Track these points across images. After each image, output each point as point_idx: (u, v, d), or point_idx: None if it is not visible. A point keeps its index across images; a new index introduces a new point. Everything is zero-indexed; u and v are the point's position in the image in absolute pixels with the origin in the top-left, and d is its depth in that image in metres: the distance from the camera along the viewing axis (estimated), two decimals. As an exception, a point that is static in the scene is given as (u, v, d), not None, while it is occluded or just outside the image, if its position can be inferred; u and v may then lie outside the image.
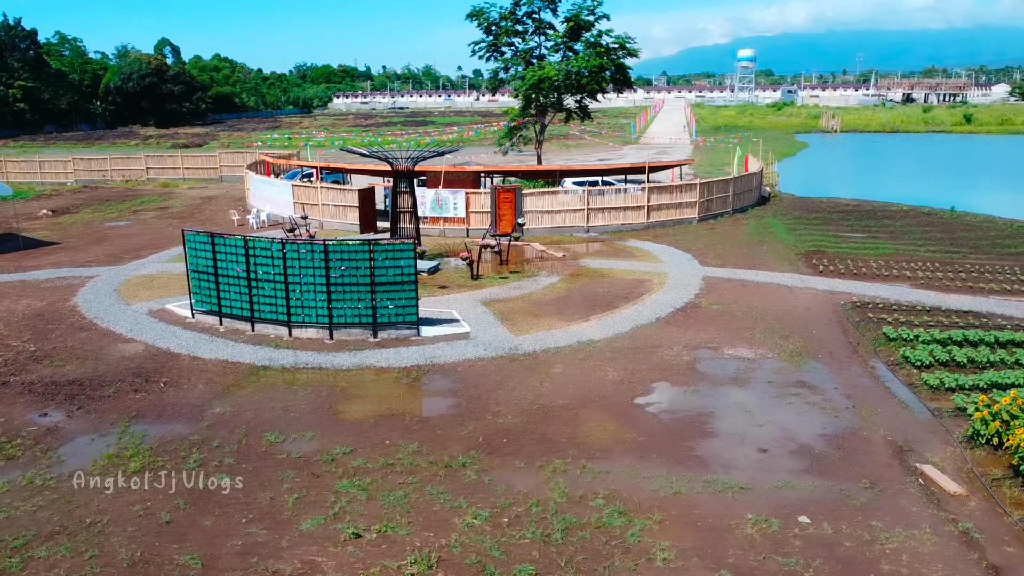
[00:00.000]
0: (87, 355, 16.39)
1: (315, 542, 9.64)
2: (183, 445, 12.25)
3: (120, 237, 29.57)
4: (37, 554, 9.39)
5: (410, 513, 10.25)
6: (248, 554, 9.39)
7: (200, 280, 18.16)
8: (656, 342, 16.92)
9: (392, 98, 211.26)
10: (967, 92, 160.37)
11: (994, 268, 22.72)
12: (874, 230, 28.94)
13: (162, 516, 10.22)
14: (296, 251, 16.87)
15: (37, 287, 22.00)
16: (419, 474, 11.29)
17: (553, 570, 9.06)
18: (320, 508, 10.40)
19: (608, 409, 13.53)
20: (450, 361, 15.83)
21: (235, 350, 16.49)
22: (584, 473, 11.30)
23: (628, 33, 36.52)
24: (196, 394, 14.32)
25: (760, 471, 11.41)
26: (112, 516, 10.24)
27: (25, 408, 13.78)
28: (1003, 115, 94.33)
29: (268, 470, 11.47)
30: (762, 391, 14.33)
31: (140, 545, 9.58)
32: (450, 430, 12.74)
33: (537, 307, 19.54)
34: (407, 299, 17.17)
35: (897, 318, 17.95)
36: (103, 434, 12.73)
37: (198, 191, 42.42)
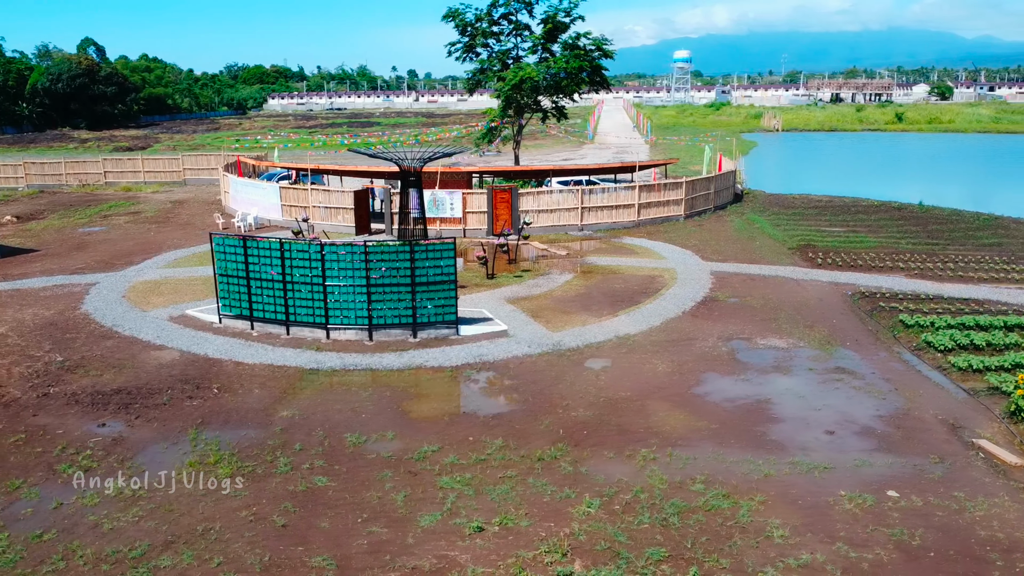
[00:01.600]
0: (121, 363, 15.93)
1: (441, 537, 9.76)
2: (264, 449, 12.13)
3: (101, 243, 28.54)
4: (161, 563, 9.23)
5: (523, 505, 10.46)
6: (378, 552, 9.45)
7: (229, 284, 17.83)
8: (689, 335, 17.47)
9: (329, 99, 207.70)
10: (891, 92, 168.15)
11: (974, 258, 24.19)
12: (852, 224, 30.35)
13: (276, 520, 10.16)
14: (336, 253, 16.77)
15: (36, 296, 21.13)
16: (515, 468, 11.50)
17: (682, 551, 9.42)
18: (432, 505, 10.50)
19: (670, 400, 13.97)
20: (499, 359, 16.03)
21: (277, 354, 16.29)
22: (673, 460, 11.71)
23: (605, 35, 37.24)
24: (255, 399, 14.13)
25: (834, 451, 12.03)
26: (222, 522, 10.12)
27: (79, 419, 13.36)
28: (931, 114, 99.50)
29: (363, 470, 11.48)
30: (807, 378, 15.02)
31: (264, 549, 9.51)
32: (527, 425, 12.97)
33: (562, 304, 19.87)
34: (446, 299, 17.27)
35: (907, 306, 18.98)
36: (175, 442, 12.47)
37: (165, 195, 41.16)
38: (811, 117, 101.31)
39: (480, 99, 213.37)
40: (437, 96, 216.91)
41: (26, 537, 9.80)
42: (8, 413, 13.60)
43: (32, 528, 10.01)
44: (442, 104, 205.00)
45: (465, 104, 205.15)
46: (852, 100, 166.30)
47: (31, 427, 13.02)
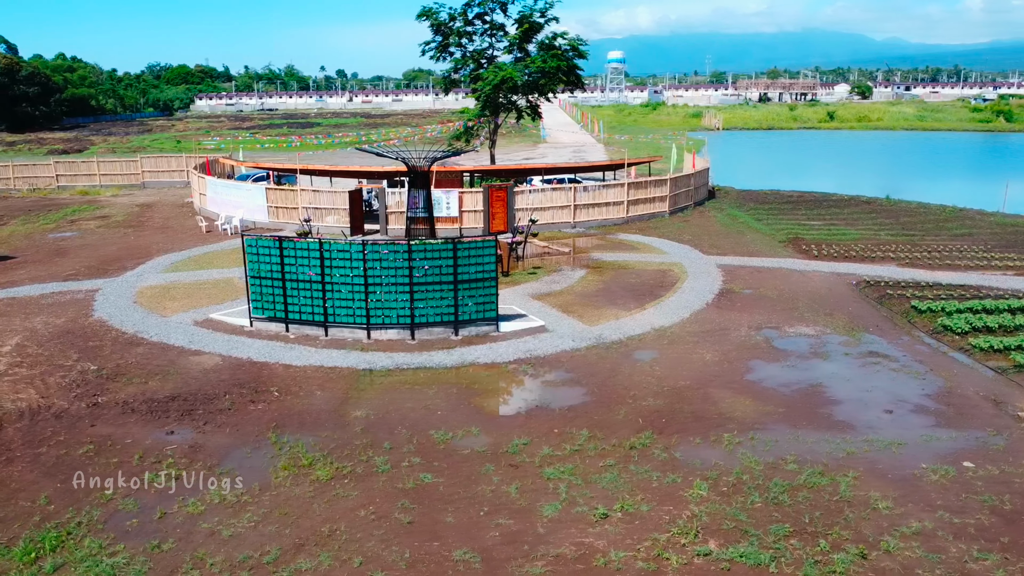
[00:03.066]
0: (164, 370, 15.43)
1: (569, 525, 9.94)
2: (355, 449, 12.03)
3: (81, 248, 27.34)
4: (300, 566, 9.11)
5: (636, 491, 10.74)
6: (515, 543, 9.57)
7: (262, 286, 17.47)
8: (721, 325, 18.06)
9: (260, 99, 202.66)
10: (816, 92, 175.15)
11: (955, 248, 25.71)
12: (829, 218, 31.74)
13: (400, 517, 10.14)
14: (378, 252, 16.66)
15: (38, 303, 20.16)
16: (611, 456, 11.76)
17: (803, 527, 9.87)
18: (547, 495, 10.67)
19: (729, 387, 14.48)
20: (549, 353, 16.24)
21: (323, 356, 16.08)
22: (757, 443, 12.18)
23: (579, 36, 37.77)
24: (320, 401, 13.95)
25: (899, 428, 12.74)
26: (345, 523, 10.04)
27: (142, 427, 12.93)
28: (859, 113, 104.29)
29: (463, 465, 11.54)
30: (846, 362, 15.78)
31: (401, 546, 9.50)
32: (605, 416, 13.24)
33: (587, 299, 20.21)
34: (487, 296, 17.38)
35: (913, 293, 20.08)
36: (256, 446, 12.23)
37: (127, 199, 39.59)
38: (748, 116, 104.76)
39: (415, 99, 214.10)
40: (372, 96, 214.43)
41: (145, 548, 9.51)
42: (64, 424, 13.05)
43: (146, 538, 9.71)
44: (377, 104, 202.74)
45: (401, 104, 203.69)
46: (779, 99, 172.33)
47: (95, 437, 12.54)
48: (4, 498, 10.74)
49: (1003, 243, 26.32)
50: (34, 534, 9.80)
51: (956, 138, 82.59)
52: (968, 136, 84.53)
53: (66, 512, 10.35)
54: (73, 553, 9.41)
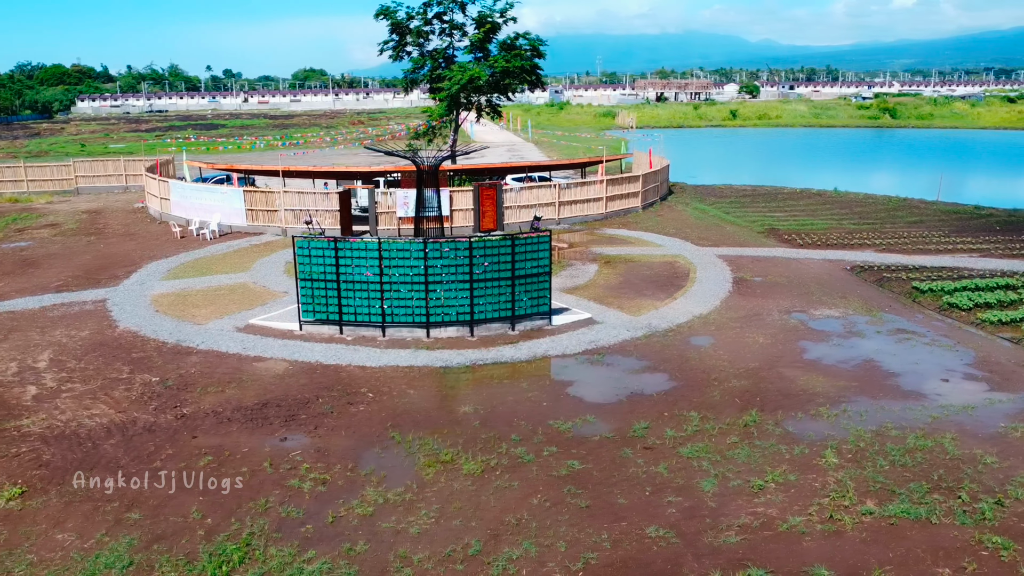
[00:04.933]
0: (233, 378, 14.93)
1: (734, 498, 10.54)
2: (487, 443, 12.18)
3: (50, 259, 25.58)
4: (511, 554, 9.28)
5: (775, 464, 11.46)
6: (695, 517, 10.08)
7: (314, 288, 17.12)
8: (753, 311, 19.14)
9: (148, 100, 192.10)
10: (710, 91, 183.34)
11: (913, 234, 28.07)
12: (788, 209, 33.80)
13: (575, 503, 10.44)
14: (439, 250, 16.70)
15: (46, 316, 18.88)
16: (733, 434, 12.44)
17: (937, 483, 10.86)
18: (697, 473, 11.22)
19: (796, 366, 15.49)
20: (613, 343, 16.79)
21: (393, 356, 15.98)
22: (851, 414, 13.18)
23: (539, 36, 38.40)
24: (418, 399, 13.94)
25: (962, 394, 14.08)
26: (526, 512, 10.24)
27: (250, 435, 12.56)
28: (759, 111, 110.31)
29: (600, 451, 11.92)
30: (882, 339, 17.15)
31: (594, 528, 9.82)
32: (702, 398, 13.91)
33: (614, 291, 20.87)
34: (541, 290, 17.73)
35: (906, 276, 21.90)
36: (384, 446, 12.16)
37: (66, 205, 37.07)
38: (656, 115, 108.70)
39: (314, 100, 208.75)
40: (268, 97, 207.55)
41: (339, 551, 9.40)
42: (162, 437, 12.49)
43: (334, 542, 9.59)
44: (274, 105, 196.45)
45: (300, 105, 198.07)
46: (675, 99, 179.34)
47: (207, 448, 12.09)
48: (148, 515, 10.28)
49: (955, 229, 28.96)
50: (213, 548, 9.47)
51: (854, 134, 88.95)
52: (863, 132, 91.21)
53: (229, 523, 10.03)
54: (265, 563, 9.18)
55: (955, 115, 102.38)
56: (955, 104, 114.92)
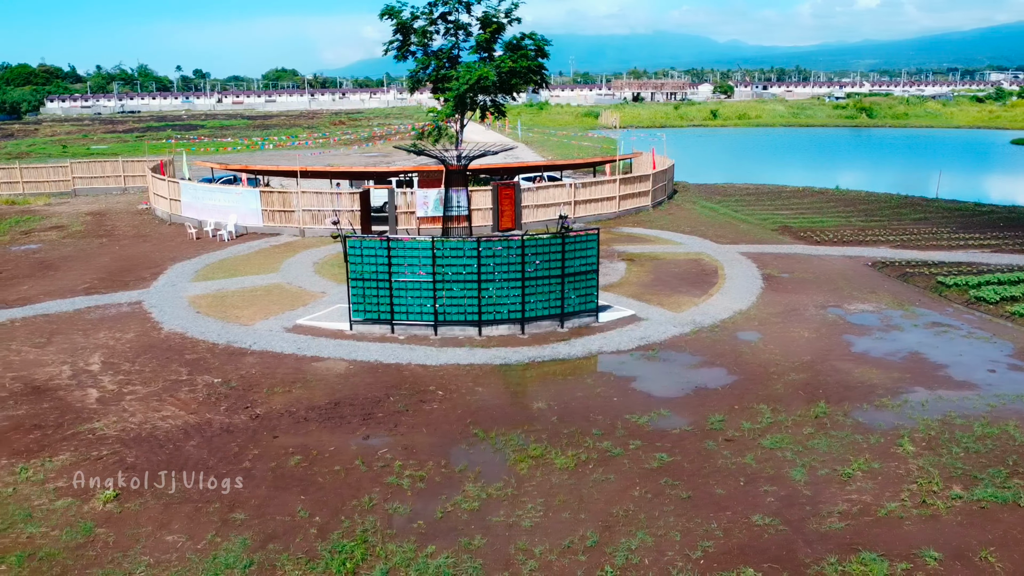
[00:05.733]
0: (297, 378, 14.92)
1: (827, 486, 10.84)
2: (570, 438, 12.36)
3: (68, 261, 25.19)
4: (630, 544, 9.47)
5: (856, 452, 11.79)
6: (794, 505, 10.35)
7: (365, 288, 17.14)
8: (790, 306, 19.54)
9: (120, 101, 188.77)
10: (685, 91, 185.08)
11: (922, 231, 28.78)
12: (795, 208, 34.41)
13: (675, 493, 10.66)
14: (492, 249, 16.82)
15: (84, 319, 18.65)
16: (807, 425, 12.75)
17: (1015, 468, 11.26)
18: (783, 463, 11.50)
19: (847, 359, 15.87)
20: (664, 339, 17.05)
21: (451, 354, 16.08)
22: (913, 404, 13.57)
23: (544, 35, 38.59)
24: (489, 396, 14.06)
25: (1011, 384, 14.57)
26: (631, 503, 10.44)
27: (331, 434, 12.60)
28: (739, 111, 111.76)
29: (685, 443, 12.16)
30: (921, 332, 17.63)
31: (701, 518, 10.05)
32: (766, 391, 14.22)
33: (649, 288, 21.14)
34: (588, 288, 17.93)
35: (927, 271, 22.50)
36: (470, 443, 12.28)
37: (65, 207, 36.45)
38: (639, 115, 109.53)
39: (290, 100, 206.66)
40: (243, 97, 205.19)
41: (459, 546, 9.51)
42: (243, 438, 12.47)
43: (450, 537, 9.70)
44: (249, 105, 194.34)
45: (275, 105, 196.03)
46: (652, 99, 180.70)
47: (293, 447, 12.11)
48: (253, 515, 10.29)
49: (961, 225, 29.75)
50: (331, 546, 9.53)
51: (834, 133, 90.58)
52: (843, 131, 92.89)
53: (339, 521, 10.09)
54: (388, 559, 9.26)
55: (929, 114, 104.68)
56: (928, 104, 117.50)
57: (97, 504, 10.60)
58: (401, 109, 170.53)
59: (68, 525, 10.13)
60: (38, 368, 15.62)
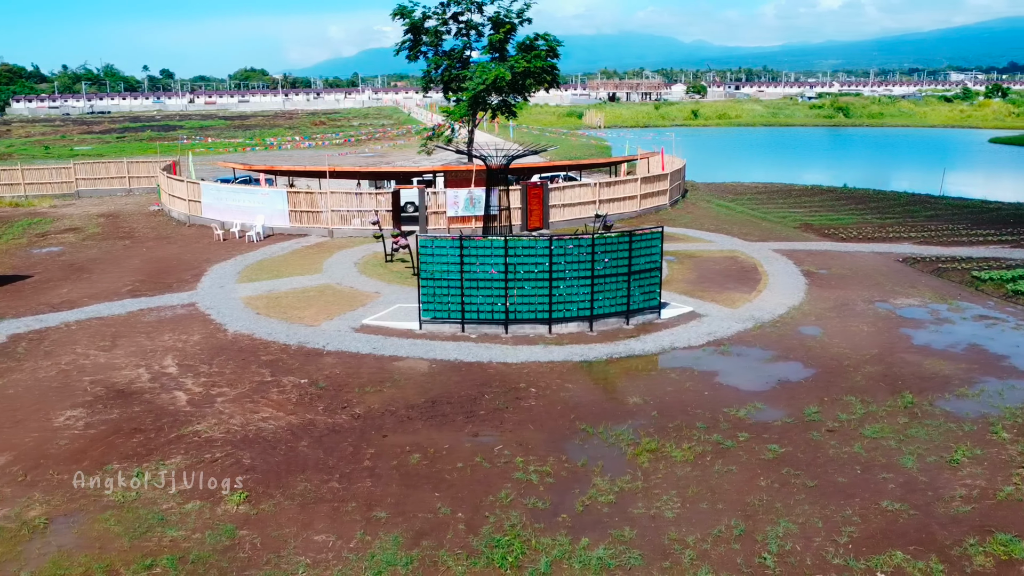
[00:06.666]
0: (385, 378, 14.97)
1: (940, 471, 11.24)
2: (677, 431, 12.61)
3: (99, 263, 24.81)
4: (776, 532, 9.74)
5: (954, 440, 12.22)
6: (916, 491, 10.72)
7: (436, 288, 17.22)
8: (840, 301, 20.02)
9: (89, 101, 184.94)
10: (660, 92, 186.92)
11: (939, 228, 29.60)
12: (807, 206, 35.13)
13: (801, 483, 10.97)
14: (563, 247, 17.01)
15: (140, 322, 18.45)
16: (900, 415, 13.16)
17: (1111, 454, 11.78)
18: (892, 452, 11.89)
19: (912, 352, 16.37)
20: (731, 334, 17.40)
21: (526, 352, 16.24)
22: (991, 393, 14.07)
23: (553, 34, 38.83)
24: (578, 393, 14.26)
25: (1077, 372, 15.16)
26: (765, 494, 10.73)
27: (438, 432, 12.69)
28: (719, 110, 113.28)
29: (792, 434, 12.49)
30: (972, 325, 18.21)
31: (834, 506, 10.36)
32: (848, 382, 14.61)
33: (697, 285, 21.49)
34: (652, 285, 18.21)
35: (959, 266, 23.19)
36: (583, 438, 12.46)
37: (73, 209, 35.77)
38: (621, 115, 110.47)
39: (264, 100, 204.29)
40: (215, 97, 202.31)
41: (612, 537, 9.70)
42: (353, 437, 12.51)
43: (601, 529, 9.89)
44: (222, 105, 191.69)
45: (249, 105, 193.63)
46: (627, 99, 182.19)
47: (408, 446, 12.18)
48: (394, 513, 10.36)
49: (974, 222, 30.65)
50: (486, 541, 9.65)
51: (816, 132, 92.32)
52: (823, 130, 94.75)
53: (484, 517, 10.21)
54: (548, 552, 9.42)
55: (903, 114, 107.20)
56: (900, 104, 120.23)
57: (230, 506, 10.59)
58: (378, 109, 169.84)
59: (208, 528, 10.11)
60: (114, 371, 15.45)
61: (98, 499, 10.87)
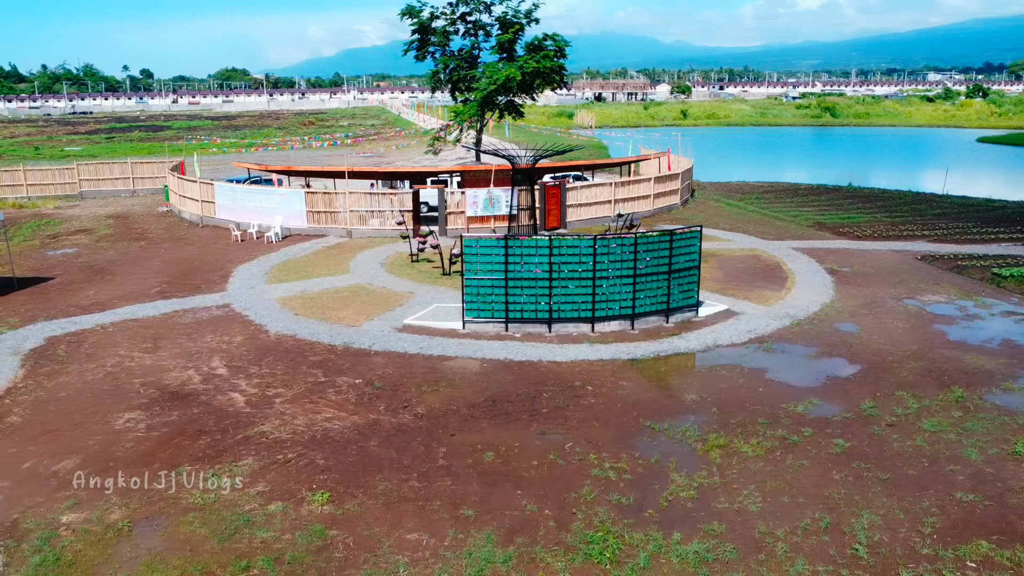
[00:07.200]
0: (440, 378, 15.02)
1: (1004, 463, 11.51)
2: (741, 427, 12.79)
3: (120, 265, 24.59)
4: (861, 524, 9.93)
5: (1012, 432, 12.52)
6: (985, 482, 10.98)
7: (480, 287, 17.29)
8: (869, 299, 20.33)
9: (70, 101, 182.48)
10: (646, 92, 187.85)
11: (950, 226, 30.09)
12: (815, 204, 35.56)
13: (874, 476, 11.19)
14: (607, 246, 17.15)
15: (177, 323, 18.34)
16: (955, 409, 13.43)
17: None
18: (953, 445, 12.14)
19: (951, 347, 16.68)
20: (771, 331, 17.64)
21: (575, 351, 16.36)
22: (1038, 388, 14.41)
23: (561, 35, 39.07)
24: (634, 390, 14.40)
25: (1114, 366, 15.55)
26: (843, 487, 10.92)
27: (504, 431, 12.79)
28: (707, 110, 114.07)
29: (853, 428, 12.72)
30: (1002, 321, 18.59)
31: (913, 499, 10.58)
32: (896, 378, 14.88)
33: (726, 283, 21.73)
34: (690, 283, 18.40)
35: (976, 263, 23.62)
36: (649, 436, 12.60)
37: (79, 210, 35.37)
38: (612, 115, 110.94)
39: (248, 100, 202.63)
40: (199, 97, 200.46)
41: (702, 531, 9.85)
42: (421, 436, 12.57)
43: (690, 524, 10.03)
44: (206, 105, 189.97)
45: (233, 106, 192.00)
46: (612, 99, 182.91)
47: (479, 444, 12.26)
48: (483, 511, 10.44)
49: (982, 220, 31.21)
50: (580, 537, 9.77)
51: (806, 131, 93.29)
52: (813, 129, 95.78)
53: (571, 514, 10.32)
54: (643, 546, 9.55)
55: (888, 114, 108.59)
56: (885, 103, 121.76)
57: (314, 507, 10.61)
58: (365, 110, 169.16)
59: (296, 528, 10.13)
60: (163, 373, 15.37)
61: (176, 501, 10.85)
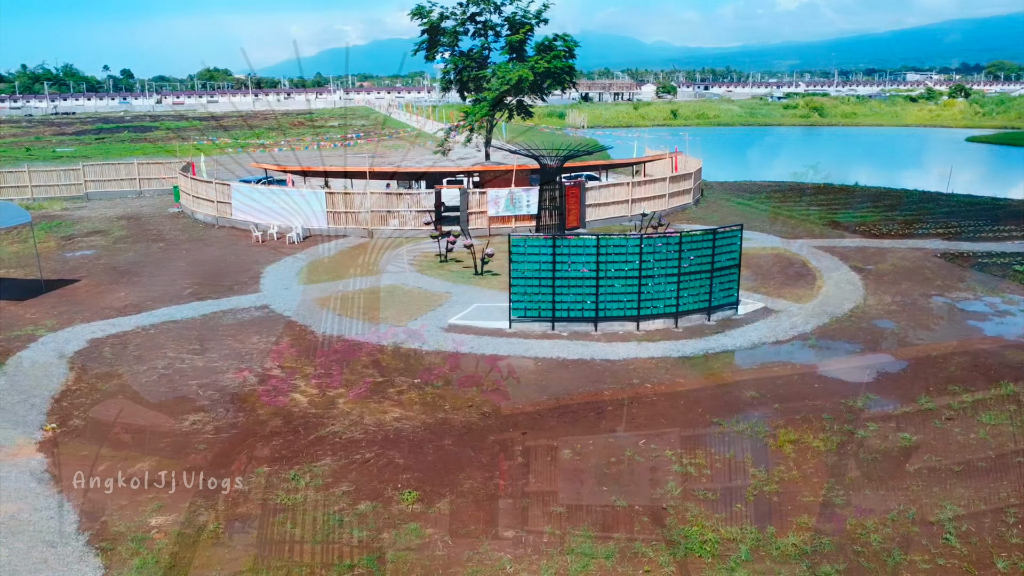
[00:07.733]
0: (496, 377, 15.11)
1: (1073, 457, 11.82)
2: (807, 422, 12.99)
3: (142, 267, 24.39)
4: (947, 515, 10.17)
5: (1073, 426, 12.84)
6: (1059, 475, 11.27)
7: (527, 286, 17.40)
8: (900, 296, 20.63)
9: (52, 102, 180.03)
10: (632, 92, 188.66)
11: (963, 225, 30.60)
12: (824, 203, 35.99)
13: (950, 468, 11.44)
14: (652, 245, 17.33)
15: (218, 325, 18.28)
16: (1008, 403, 13.75)
17: None
18: (1016, 438, 12.43)
19: (988, 342, 17.05)
20: (811, 328, 17.91)
21: (623, 349, 16.53)
22: (1084, 381, 14.78)
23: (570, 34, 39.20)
24: (693, 387, 14.60)
25: None
26: (921, 480, 11.15)
27: (572, 428, 12.92)
28: (697, 110, 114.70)
29: (915, 421, 13.02)
30: (1032, 316, 19.01)
31: (992, 489, 10.84)
32: (943, 372, 15.19)
33: (756, 282, 21.98)
34: (731, 281, 18.63)
35: (997, 261, 24.08)
36: (718, 433, 12.77)
37: (88, 211, 34.99)
38: (602, 114, 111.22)
39: (233, 100, 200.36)
40: (183, 97, 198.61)
41: (794, 525, 10.03)
42: (493, 435, 12.67)
43: (781, 517, 10.20)
44: (191, 105, 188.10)
45: (218, 106, 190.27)
46: (599, 99, 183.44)
47: (556, 443, 12.37)
48: (571, 507, 10.56)
49: (992, 218, 31.78)
50: (685, 532, 9.91)
51: (797, 131, 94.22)
52: (803, 129, 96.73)
53: (662, 508, 10.47)
54: (741, 539, 9.72)
55: (875, 113, 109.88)
56: (872, 103, 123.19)
57: (404, 506, 10.68)
58: (352, 110, 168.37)
59: (390, 527, 10.20)
60: (218, 375, 15.34)
61: (263, 503, 10.87)
